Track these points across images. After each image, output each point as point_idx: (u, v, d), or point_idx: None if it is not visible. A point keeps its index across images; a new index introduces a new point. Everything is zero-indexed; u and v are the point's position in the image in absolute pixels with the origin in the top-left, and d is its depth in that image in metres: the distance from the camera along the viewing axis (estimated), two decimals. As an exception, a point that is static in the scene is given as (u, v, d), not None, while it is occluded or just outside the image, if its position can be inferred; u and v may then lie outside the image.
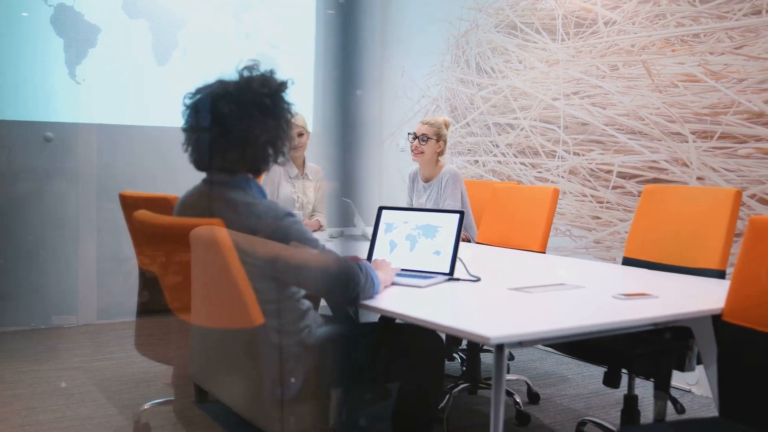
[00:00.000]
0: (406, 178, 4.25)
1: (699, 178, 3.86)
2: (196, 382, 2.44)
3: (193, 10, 5.40)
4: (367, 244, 2.85)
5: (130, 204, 3.07)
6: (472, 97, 5.35)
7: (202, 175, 2.60)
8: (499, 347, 1.93)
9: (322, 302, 2.98)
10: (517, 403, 3.45)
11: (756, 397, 2.10)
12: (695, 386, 3.86)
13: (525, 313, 2.18)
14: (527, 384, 3.74)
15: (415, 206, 4.10)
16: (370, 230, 3.91)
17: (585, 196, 4.47)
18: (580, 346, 2.62)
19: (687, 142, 3.91)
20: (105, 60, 5.13)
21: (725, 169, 3.75)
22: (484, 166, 5.23)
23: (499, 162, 5.10)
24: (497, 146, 5.12)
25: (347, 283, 2.12)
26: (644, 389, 3.47)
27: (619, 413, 3.49)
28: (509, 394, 3.57)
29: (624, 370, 2.81)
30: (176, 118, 5.53)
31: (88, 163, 5.15)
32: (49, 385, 3.78)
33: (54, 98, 5.02)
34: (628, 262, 3.14)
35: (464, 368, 3.80)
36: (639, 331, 2.30)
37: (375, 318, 3.22)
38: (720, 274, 2.79)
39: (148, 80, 5.27)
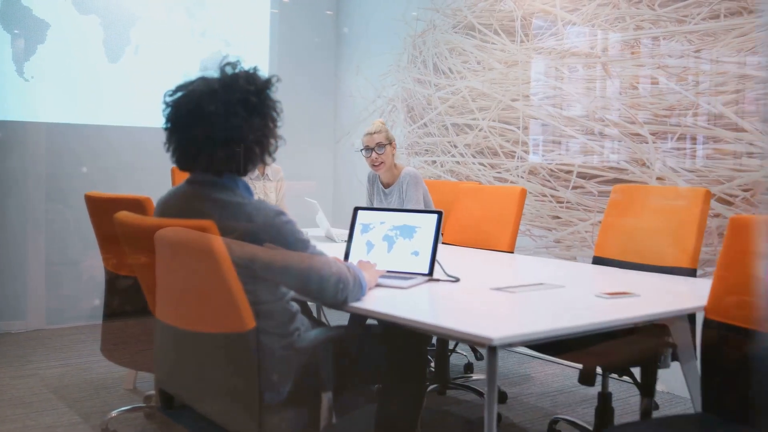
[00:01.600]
0: (364, 180, 4.19)
1: (659, 178, 3.94)
2: (165, 389, 2.38)
3: (145, 6, 5.27)
4: (331, 245, 2.82)
5: (97, 205, 2.98)
6: (429, 98, 5.36)
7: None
8: (492, 348, 1.94)
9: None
10: (488, 402, 3.46)
11: (739, 392, 2.15)
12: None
13: (516, 313, 2.19)
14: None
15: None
16: (334, 231, 3.89)
17: (545, 196, 4.52)
18: (559, 344, 2.64)
19: (647, 142, 3.99)
20: (54, 57, 4.97)
21: (685, 170, 3.84)
22: (441, 166, 5.25)
23: (458, 162, 5.12)
24: (455, 146, 5.15)
25: (337, 285, 2.10)
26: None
27: (586, 410, 3.55)
28: (479, 393, 3.59)
29: (598, 369, 2.86)
30: (129, 117, 5.42)
31: (36, 163, 4.98)
32: (5, 394, 3.63)
33: (1, 96, 4.84)
34: (598, 261, 3.18)
35: (432, 369, 3.80)
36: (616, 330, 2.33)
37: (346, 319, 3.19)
38: (691, 272, 2.85)
39: (100, 78, 5.13)
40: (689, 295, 2.55)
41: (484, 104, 4.93)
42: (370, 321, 2.38)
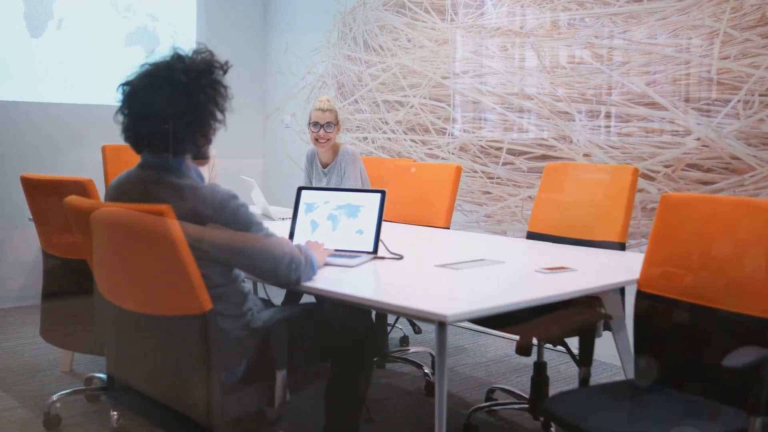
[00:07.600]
0: (294, 156, 4.20)
1: (585, 155, 4.09)
2: (114, 373, 2.39)
3: (67, -21, 5.12)
4: (269, 223, 2.85)
5: (34, 187, 2.93)
6: (360, 75, 5.39)
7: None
8: (442, 325, 2.02)
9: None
10: (427, 374, 3.58)
11: (669, 359, 2.30)
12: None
13: (463, 289, 2.28)
14: (431, 355, 3.87)
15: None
16: (273, 210, 3.91)
17: (476, 172, 4.63)
18: (500, 317, 2.75)
19: (574, 120, 4.14)
20: (-28, 31, 4.79)
21: (610, 147, 4.00)
22: (373, 142, 5.30)
23: (389, 139, 5.19)
24: (386, 123, 5.21)
25: (290, 266, 2.14)
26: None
27: (519, 379, 3.70)
28: (418, 366, 3.70)
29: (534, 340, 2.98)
30: (52, 94, 5.25)
31: (-45, 142, 4.81)
32: (-65, 380, 3.55)
33: None
34: (532, 236, 3.31)
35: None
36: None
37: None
38: (621, 246, 3.00)
39: (21, 53, 4.97)
40: (622, 268, 2.69)
41: (415, 81, 5.00)
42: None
